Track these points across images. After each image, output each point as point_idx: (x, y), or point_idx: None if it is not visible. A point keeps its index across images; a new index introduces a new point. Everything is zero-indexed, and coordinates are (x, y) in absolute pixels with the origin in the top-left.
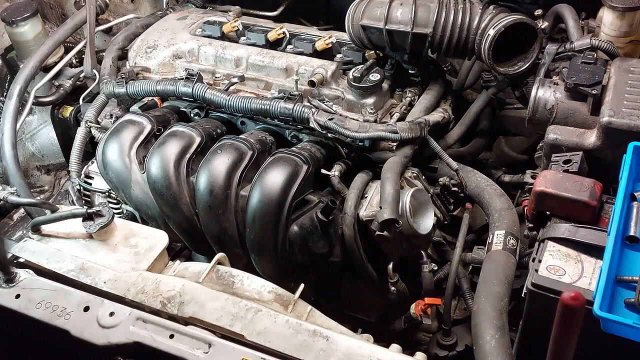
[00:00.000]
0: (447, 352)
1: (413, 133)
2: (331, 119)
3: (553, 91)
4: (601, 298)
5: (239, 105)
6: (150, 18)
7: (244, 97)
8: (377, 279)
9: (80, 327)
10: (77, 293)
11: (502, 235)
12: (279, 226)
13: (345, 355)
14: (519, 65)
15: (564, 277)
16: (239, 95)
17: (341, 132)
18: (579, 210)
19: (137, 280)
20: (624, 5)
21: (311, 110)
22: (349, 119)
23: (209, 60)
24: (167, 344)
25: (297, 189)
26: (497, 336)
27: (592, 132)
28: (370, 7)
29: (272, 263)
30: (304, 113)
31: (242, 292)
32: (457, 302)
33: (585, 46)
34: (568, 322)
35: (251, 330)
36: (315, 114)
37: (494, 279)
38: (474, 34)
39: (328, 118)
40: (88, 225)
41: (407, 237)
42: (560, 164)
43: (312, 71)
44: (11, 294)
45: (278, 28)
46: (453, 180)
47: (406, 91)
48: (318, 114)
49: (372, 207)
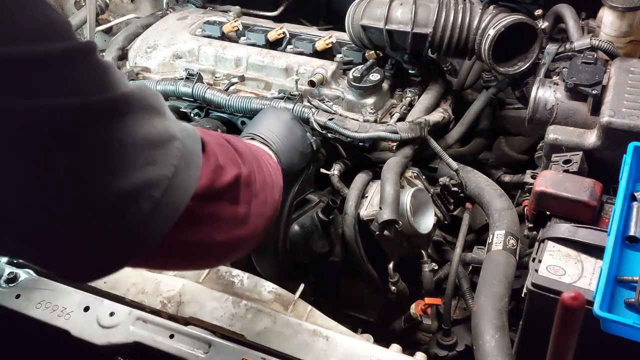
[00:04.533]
0: (447, 352)
1: (413, 133)
2: (331, 119)
3: (553, 91)
4: (601, 298)
5: (239, 105)
6: (150, 18)
7: (243, 97)
8: (377, 279)
9: (80, 327)
10: (77, 293)
11: (502, 235)
12: (280, 226)
13: (345, 355)
14: (519, 65)
15: (564, 277)
16: (239, 95)
17: (341, 132)
18: (579, 210)
19: (137, 280)
20: (624, 5)
21: (311, 110)
22: (349, 119)
23: (209, 60)
24: (167, 344)
25: (298, 189)
26: (497, 336)
27: (592, 132)
28: (370, 7)
29: (272, 263)
30: (304, 113)
31: (242, 292)
32: (457, 302)
33: (585, 46)
34: (568, 322)
35: (251, 330)
36: (315, 114)
37: (494, 279)
38: (474, 34)
39: (328, 118)
40: None
41: (407, 236)
42: (560, 164)
43: (312, 71)
44: (11, 294)
45: (278, 28)
46: (453, 180)
47: (406, 91)
48: (318, 114)
49: (372, 207)
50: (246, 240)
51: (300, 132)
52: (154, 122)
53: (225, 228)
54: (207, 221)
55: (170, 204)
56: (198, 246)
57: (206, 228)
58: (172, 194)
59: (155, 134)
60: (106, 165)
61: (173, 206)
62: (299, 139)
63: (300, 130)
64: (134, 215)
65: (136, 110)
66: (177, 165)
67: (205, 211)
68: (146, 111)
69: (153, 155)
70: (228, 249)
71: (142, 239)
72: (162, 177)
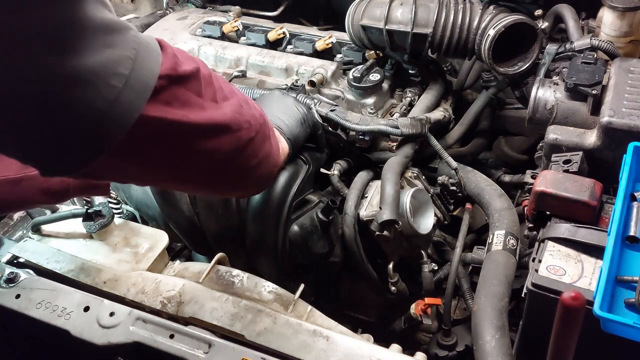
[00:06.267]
0: (447, 352)
1: (414, 129)
2: (332, 110)
3: (553, 91)
4: (601, 298)
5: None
6: (150, 18)
7: (246, 87)
8: (377, 279)
9: (80, 327)
10: (77, 293)
11: (502, 235)
12: (279, 226)
13: (345, 355)
14: (519, 65)
15: (564, 277)
16: (241, 86)
17: (342, 123)
18: (579, 210)
19: (137, 280)
20: (624, 5)
21: (313, 101)
22: (351, 112)
23: (209, 60)
24: (167, 344)
25: (298, 189)
26: (497, 336)
27: (592, 132)
28: (370, 7)
29: (272, 263)
30: (306, 104)
31: (242, 292)
32: (457, 302)
33: (585, 46)
34: (568, 322)
35: (251, 330)
36: (317, 104)
37: (494, 279)
38: (474, 34)
39: (330, 109)
40: (88, 225)
41: (407, 237)
42: (560, 164)
43: (312, 71)
44: (11, 294)
45: (278, 28)
46: (452, 180)
47: (406, 91)
48: (320, 105)
49: (372, 207)
50: (226, 132)
51: (295, 103)
52: (107, 13)
53: (198, 112)
54: (178, 103)
55: (139, 80)
56: (174, 127)
57: (179, 110)
58: (139, 72)
59: (111, 20)
60: (67, 45)
61: (142, 82)
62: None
63: (294, 102)
64: (108, 91)
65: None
66: (138, 50)
67: (173, 93)
68: (98, 2)
69: (113, 39)
70: (207, 134)
71: (119, 114)
72: (125, 57)
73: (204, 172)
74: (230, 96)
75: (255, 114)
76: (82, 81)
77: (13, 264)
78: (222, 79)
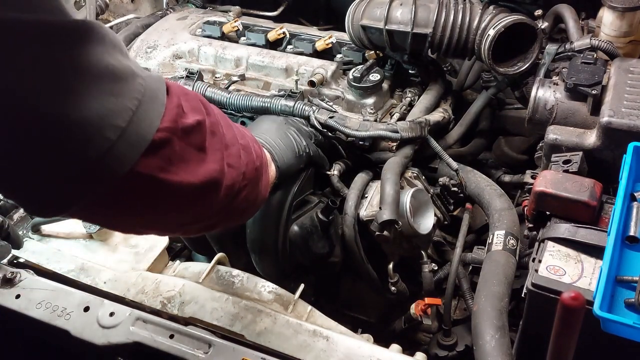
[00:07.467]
0: (447, 352)
1: (414, 132)
2: (332, 117)
3: (553, 91)
4: (601, 298)
5: (240, 103)
6: (150, 18)
7: (244, 94)
8: (377, 279)
9: (81, 327)
10: (77, 293)
11: (502, 235)
12: (279, 226)
13: (345, 356)
14: (519, 66)
15: (564, 277)
16: (239, 93)
17: (342, 130)
18: (579, 211)
19: (137, 280)
20: (624, 5)
21: (312, 108)
22: (350, 118)
23: (209, 60)
24: (167, 344)
25: (297, 189)
26: (497, 336)
27: (592, 132)
28: (370, 7)
29: (272, 263)
30: (305, 111)
31: (242, 292)
32: (457, 302)
33: (585, 46)
34: (568, 322)
35: (251, 330)
36: (315, 111)
37: (494, 279)
38: (474, 34)
39: (329, 116)
40: (88, 225)
41: (407, 237)
42: (560, 164)
43: (312, 71)
44: (11, 294)
45: (278, 28)
46: (453, 180)
47: (406, 91)
48: (319, 111)
49: (372, 207)
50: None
51: (295, 135)
52: (117, 57)
53: (193, 170)
54: (174, 159)
55: (135, 133)
56: (165, 184)
57: (173, 167)
58: (137, 125)
59: (118, 67)
60: (65, 89)
61: (139, 136)
62: (292, 141)
63: (295, 133)
64: (100, 142)
65: (97, 41)
66: (141, 100)
67: (171, 147)
68: (108, 45)
69: (115, 87)
70: (197, 194)
71: (109, 165)
72: (125, 108)
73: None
74: (232, 144)
75: (253, 158)
76: (74, 129)
77: (13, 264)
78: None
